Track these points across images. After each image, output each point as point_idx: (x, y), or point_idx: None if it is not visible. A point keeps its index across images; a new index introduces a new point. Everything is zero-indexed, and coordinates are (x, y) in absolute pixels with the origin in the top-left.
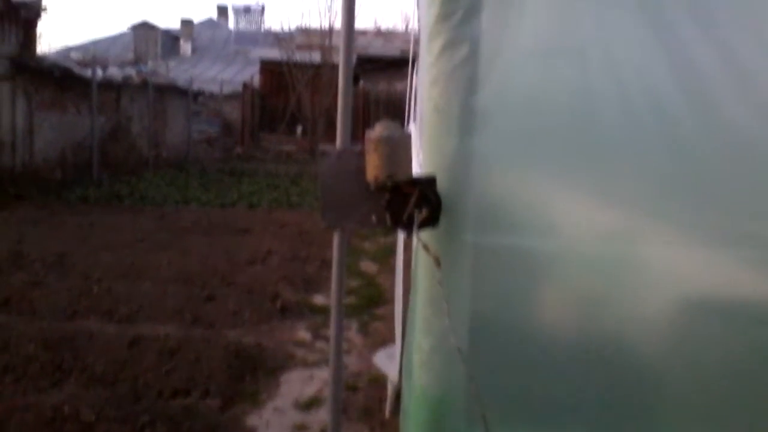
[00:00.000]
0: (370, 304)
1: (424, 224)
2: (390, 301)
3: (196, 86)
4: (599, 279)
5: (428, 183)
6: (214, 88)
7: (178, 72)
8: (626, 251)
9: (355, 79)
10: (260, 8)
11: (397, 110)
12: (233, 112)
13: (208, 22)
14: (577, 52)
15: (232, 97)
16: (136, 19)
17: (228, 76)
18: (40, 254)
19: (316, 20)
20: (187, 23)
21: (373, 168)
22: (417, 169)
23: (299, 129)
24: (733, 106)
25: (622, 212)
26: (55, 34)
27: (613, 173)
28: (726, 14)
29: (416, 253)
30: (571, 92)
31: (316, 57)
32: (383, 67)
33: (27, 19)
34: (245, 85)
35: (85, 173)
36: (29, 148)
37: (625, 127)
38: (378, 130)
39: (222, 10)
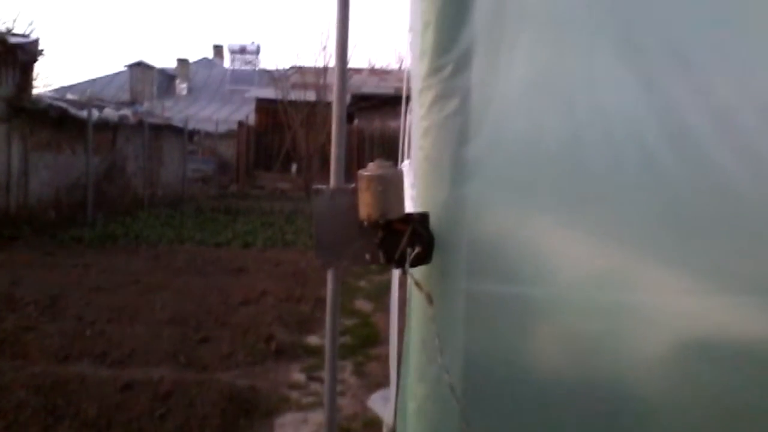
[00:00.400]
0: (365, 344)
1: (416, 261)
2: (385, 340)
3: (191, 125)
4: (593, 325)
5: (420, 220)
6: (210, 127)
7: (174, 111)
8: (619, 298)
9: (350, 118)
10: (256, 48)
11: (391, 148)
12: (228, 151)
13: (204, 62)
14: (566, 102)
15: (227, 135)
16: (133, 59)
17: (224, 115)
18: (33, 297)
19: (311, 59)
20: (183, 62)
21: (366, 206)
22: (410, 205)
23: (294, 167)
24: (718, 152)
25: (613, 259)
26: (52, 74)
27: (603, 220)
28: (710, 63)
29: (410, 293)
30: (561, 141)
31: (311, 96)
32: (377, 105)
33: (24, 62)
34: (240, 124)
35: (80, 213)
36: (24, 188)
37: (614, 174)
38: (371, 169)
39: (218, 50)
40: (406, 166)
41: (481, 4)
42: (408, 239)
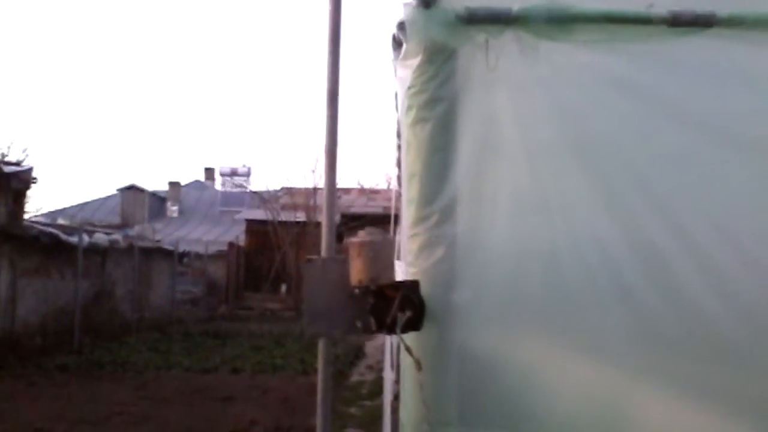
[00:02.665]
0: None
1: (408, 326)
2: None
3: (182, 247)
4: None
5: (411, 286)
6: (200, 249)
7: (164, 233)
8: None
9: (339, 237)
10: (247, 170)
11: None
12: (218, 272)
13: (196, 184)
14: (549, 250)
15: (217, 256)
16: (125, 182)
17: (214, 236)
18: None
19: (301, 181)
20: (174, 185)
21: (357, 272)
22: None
23: (284, 287)
24: (687, 278)
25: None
26: (44, 198)
27: (588, 373)
28: (670, 186)
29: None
30: (547, 286)
31: (300, 216)
32: (366, 224)
33: (17, 190)
34: (230, 245)
35: (66, 339)
36: (11, 315)
37: (595, 312)
38: (361, 236)
39: (209, 172)
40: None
41: (464, 158)
42: (399, 304)
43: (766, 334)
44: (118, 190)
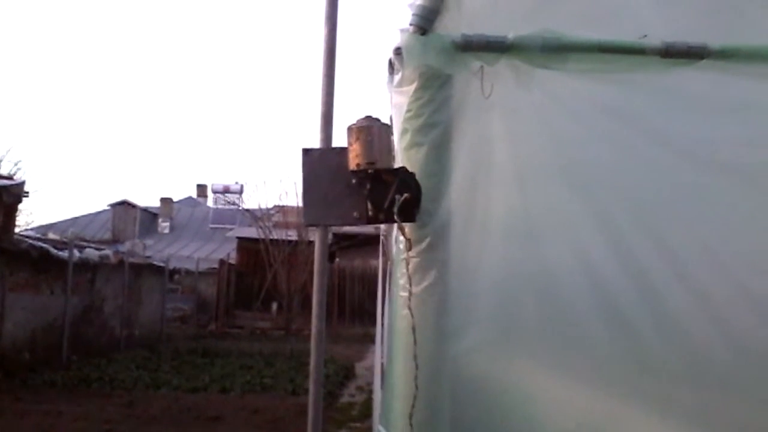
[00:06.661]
0: None
1: (405, 210)
2: None
3: (173, 264)
4: None
5: (408, 173)
6: (191, 266)
7: (155, 249)
8: None
9: (331, 257)
10: (239, 188)
11: (372, 286)
12: (208, 289)
13: (188, 201)
14: (541, 274)
15: (208, 273)
16: (117, 198)
17: (205, 253)
18: None
19: (293, 200)
20: (166, 201)
21: (355, 156)
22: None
23: (274, 306)
24: (678, 303)
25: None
26: (35, 211)
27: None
28: (666, 218)
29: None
30: (539, 311)
31: (292, 235)
32: (358, 244)
33: (8, 204)
34: (222, 262)
35: (55, 355)
36: None
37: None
38: (359, 122)
39: (201, 189)
40: (386, 310)
41: (458, 183)
42: (396, 188)
43: (755, 360)
44: (109, 205)
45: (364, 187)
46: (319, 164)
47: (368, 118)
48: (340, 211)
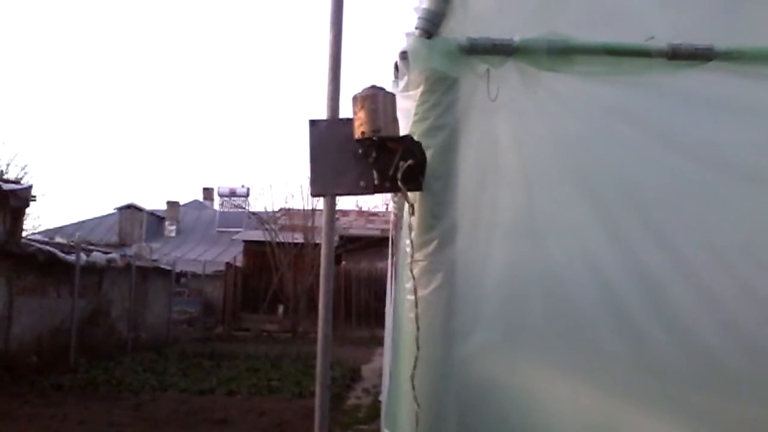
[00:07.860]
0: None
1: (410, 178)
2: None
3: (179, 267)
4: None
5: (413, 141)
6: (197, 269)
7: (162, 253)
8: None
9: (338, 259)
10: (246, 191)
11: (378, 288)
12: (215, 292)
13: (194, 204)
14: (548, 276)
15: (214, 276)
16: (124, 201)
17: (211, 256)
18: None
19: (299, 202)
20: (173, 205)
21: (360, 124)
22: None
23: (281, 308)
24: (685, 305)
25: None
26: (42, 215)
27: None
28: (673, 219)
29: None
30: (546, 313)
31: (299, 237)
32: (365, 247)
33: (16, 208)
34: (228, 265)
35: (62, 358)
36: (5, 333)
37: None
38: (364, 90)
39: (208, 192)
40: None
41: (464, 185)
42: (401, 155)
43: (762, 360)
44: (116, 208)
45: (369, 156)
46: (326, 135)
47: (373, 86)
48: (347, 180)
